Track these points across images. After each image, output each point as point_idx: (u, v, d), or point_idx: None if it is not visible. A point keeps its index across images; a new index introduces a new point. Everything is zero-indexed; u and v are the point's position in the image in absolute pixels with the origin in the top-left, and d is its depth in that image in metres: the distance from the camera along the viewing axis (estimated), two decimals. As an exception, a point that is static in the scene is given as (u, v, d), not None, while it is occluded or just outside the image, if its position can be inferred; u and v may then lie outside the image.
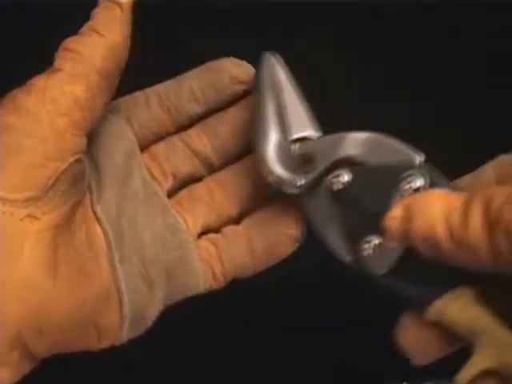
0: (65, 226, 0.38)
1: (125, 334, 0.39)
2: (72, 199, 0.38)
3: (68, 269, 0.37)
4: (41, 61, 0.38)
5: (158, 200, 0.41)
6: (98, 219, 0.39)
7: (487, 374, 0.34)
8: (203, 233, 0.42)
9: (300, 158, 0.40)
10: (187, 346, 0.46)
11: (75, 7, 0.43)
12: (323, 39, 0.49)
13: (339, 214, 0.39)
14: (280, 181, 0.40)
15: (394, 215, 0.34)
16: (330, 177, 0.40)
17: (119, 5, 0.39)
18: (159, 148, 0.43)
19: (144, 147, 0.42)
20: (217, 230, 0.42)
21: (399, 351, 0.37)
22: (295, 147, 0.40)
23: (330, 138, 0.40)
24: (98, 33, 0.38)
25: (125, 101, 0.43)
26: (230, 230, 0.42)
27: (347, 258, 0.39)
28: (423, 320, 0.37)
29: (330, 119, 0.41)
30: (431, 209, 0.33)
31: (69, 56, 0.38)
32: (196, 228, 0.42)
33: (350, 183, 0.39)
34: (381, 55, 0.49)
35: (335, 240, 0.39)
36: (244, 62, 0.42)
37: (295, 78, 0.42)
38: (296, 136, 0.40)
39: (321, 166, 0.40)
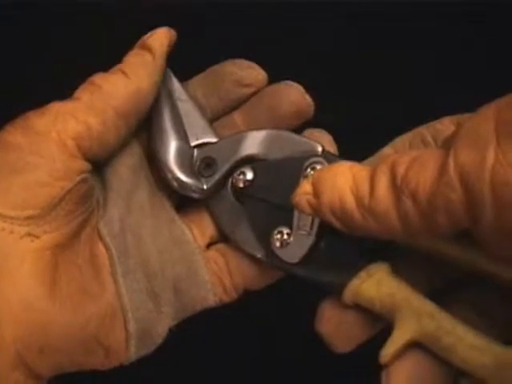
0: (67, 245, 0.37)
1: (132, 353, 0.38)
2: (77, 219, 0.38)
3: (69, 288, 0.36)
4: (41, 61, 0.38)
5: (165, 212, 0.41)
6: (100, 235, 0.39)
7: (411, 346, 0.33)
8: (212, 243, 0.41)
9: (202, 162, 0.40)
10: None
11: (75, 7, 0.43)
12: (323, 39, 0.49)
13: (247, 211, 0.40)
14: (185, 186, 0.40)
15: (303, 190, 0.34)
16: (233, 176, 0.40)
17: (151, 51, 0.39)
18: None
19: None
20: (226, 241, 0.41)
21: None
22: (196, 153, 0.41)
23: (229, 140, 0.41)
24: (124, 74, 0.39)
25: None
26: None
27: (259, 253, 0.39)
28: (341, 305, 0.36)
29: (330, 120, 0.42)
30: (339, 180, 0.33)
31: (90, 88, 0.38)
32: (204, 239, 0.41)
33: (253, 180, 0.40)
34: (381, 55, 0.49)
35: (245, 238, 0.40)
36: (252, 64, 0.41)
37: (295, 78, 0.42)
38: (195, 142, 0.41)
39: (223, 168, 0.40)
